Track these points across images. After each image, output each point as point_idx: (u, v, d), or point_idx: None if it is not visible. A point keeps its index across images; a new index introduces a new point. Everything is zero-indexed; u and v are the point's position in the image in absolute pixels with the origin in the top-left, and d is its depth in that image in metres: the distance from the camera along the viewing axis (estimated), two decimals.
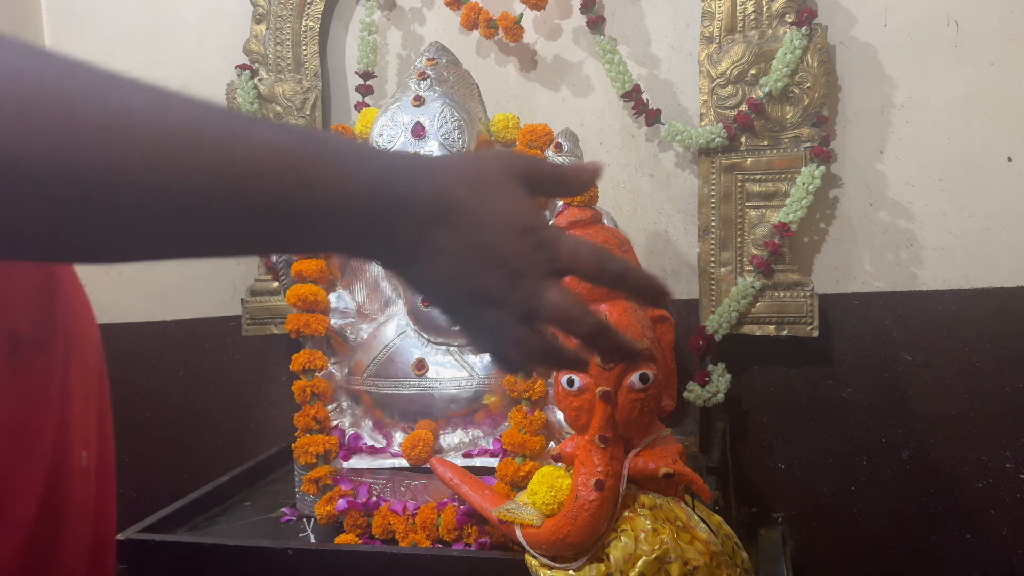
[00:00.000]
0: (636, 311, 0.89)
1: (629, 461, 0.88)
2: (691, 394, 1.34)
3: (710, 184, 1.36)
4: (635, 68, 1.43)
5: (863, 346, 1.37)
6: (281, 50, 1.55)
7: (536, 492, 0.90)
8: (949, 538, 1.35)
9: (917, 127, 1.32)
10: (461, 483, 1.03)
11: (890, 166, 1.34)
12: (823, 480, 1.40)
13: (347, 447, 1.19)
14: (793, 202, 1.29)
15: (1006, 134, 1.28)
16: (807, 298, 1.31)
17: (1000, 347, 1.31)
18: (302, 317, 1.19)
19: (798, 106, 1.30)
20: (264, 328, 1.57)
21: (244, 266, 1.63)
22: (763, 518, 1.42)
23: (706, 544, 0.86)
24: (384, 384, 1.18)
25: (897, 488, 1.37)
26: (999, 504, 1.32)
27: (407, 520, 1.11)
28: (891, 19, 1.32)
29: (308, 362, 1.18)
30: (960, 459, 1.34)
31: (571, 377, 0.88)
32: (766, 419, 1.42)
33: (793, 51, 1.27)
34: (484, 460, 1.13)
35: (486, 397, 1.16)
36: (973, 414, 1.32)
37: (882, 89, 1.33)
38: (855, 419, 1.38)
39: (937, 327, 1.33)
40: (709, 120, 1.34)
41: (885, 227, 1.35)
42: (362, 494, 1.15)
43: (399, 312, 1.21)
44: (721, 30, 1.33)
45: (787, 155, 1.31)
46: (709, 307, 1.36)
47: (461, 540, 1.07)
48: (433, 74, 1.19)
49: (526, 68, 1.51)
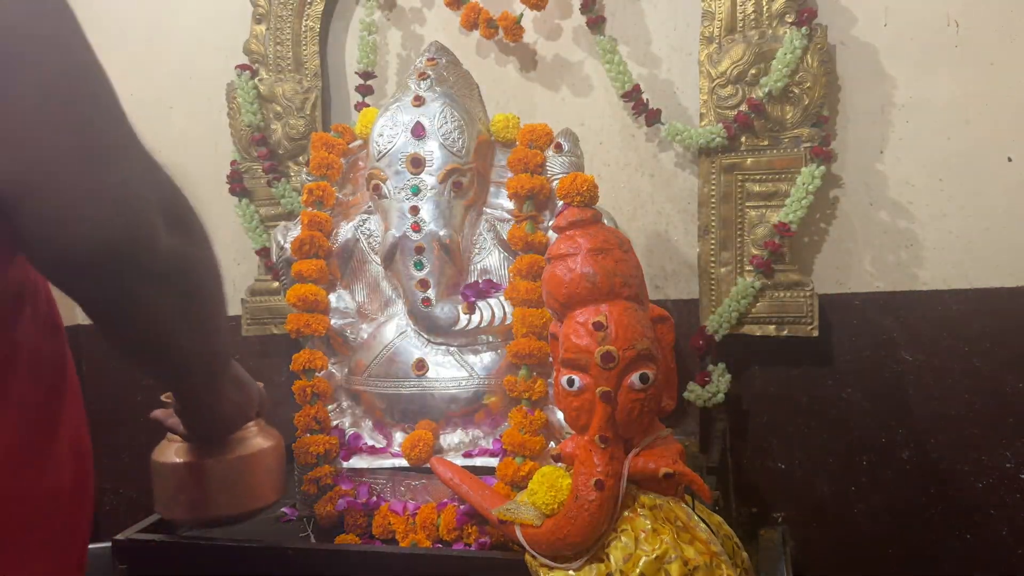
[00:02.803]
0: (636, 311, 0.89)
1: (629, 461, 0.88)
2: (691, 394, 1.34)
3: (710, 184, 1.36)
4: (635, 68, 1.43)
5: (863, 346, 1.37)
6: (281, 50, 1.55)
7: (536, 492, 0.90)
8: (949, 538, 1.35)
9: (917, 127, 1.32)
10: (461, 483, 1.03)
11: (890, 166, 1.34)
12: (823, 480, 1.40)
13: (347, 447, 1.19)
14: (793, 202, 1.29)
15: (1006, 134, 1.28)
16: (807, 298, 1.31)
17: (1000, 347, 1.31)
18: (302, 317, 1.19)
19: (798, 106, 1.30)
20: (264, 328, 1.57)
21: (244, 266, 1.63)
22: (763, 518, 1.42)
23: (706, 544, 0.86)
24: (384, 384, 1.18)
25: (897, 488, 1.37)
26: (999, 504, 1.32)
27: (407, 520, 1.11)
28: (891, 19, 1.32)
29: (308, 362, 1.18)
30: (960, 459, 1.34)
31: (571, 377, 0.88)
32: (766, 419, 1.42)
33: (793, 51, 1.27)
34: (484, 460, 1.13)
35: (486, 397, 1.16)
36: (973, 414, 1.33)
37: (882, 89, 1.33)
38: (855, 419, 1.38)
39: (937, 327, 1.33)
40: (709, 120, 1.34)
41: (885, 227, 1.35)
42: (362, 494, 1.15)
43: (399, 312, 1.21)
44: (721, 30, 1.33)
45: (787, 155, 1.31)
46: (709, 307, 1.36)
47: (461, 540, 1.07)
48: (433, 74, 1.19)
49: (526, 68, 1.51)
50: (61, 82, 0.57)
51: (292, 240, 1.21)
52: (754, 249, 1.33)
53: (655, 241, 1.46)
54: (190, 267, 0.66)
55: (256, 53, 1.56)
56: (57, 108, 0.57)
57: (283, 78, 1.55)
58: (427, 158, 1.13)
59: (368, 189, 1.19)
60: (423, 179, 1.13)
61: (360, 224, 1.23)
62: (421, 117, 1.14)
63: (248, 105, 1.52)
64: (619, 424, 0.87)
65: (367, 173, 1.18)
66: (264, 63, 1.55)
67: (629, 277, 0.90)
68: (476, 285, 1.17)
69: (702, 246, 1.37)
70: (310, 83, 1.54)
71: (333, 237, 1.23)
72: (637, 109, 1.40)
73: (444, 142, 1.14)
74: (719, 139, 1.32)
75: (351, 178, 1.28)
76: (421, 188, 1.13)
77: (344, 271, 1.25)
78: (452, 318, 1.15)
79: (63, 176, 0.56)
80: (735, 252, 1.35)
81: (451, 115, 1.15)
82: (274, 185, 1.53)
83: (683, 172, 1.44)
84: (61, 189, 0.56)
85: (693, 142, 1.35)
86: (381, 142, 1.16)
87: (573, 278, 0.89)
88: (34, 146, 0.56)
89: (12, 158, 0.55)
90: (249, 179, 1.57)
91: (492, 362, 1.17)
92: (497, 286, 1.18)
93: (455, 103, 1.16)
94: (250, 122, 1.53)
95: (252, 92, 1.53)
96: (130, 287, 0.61)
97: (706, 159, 1.36)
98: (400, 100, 1.18)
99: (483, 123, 1.21)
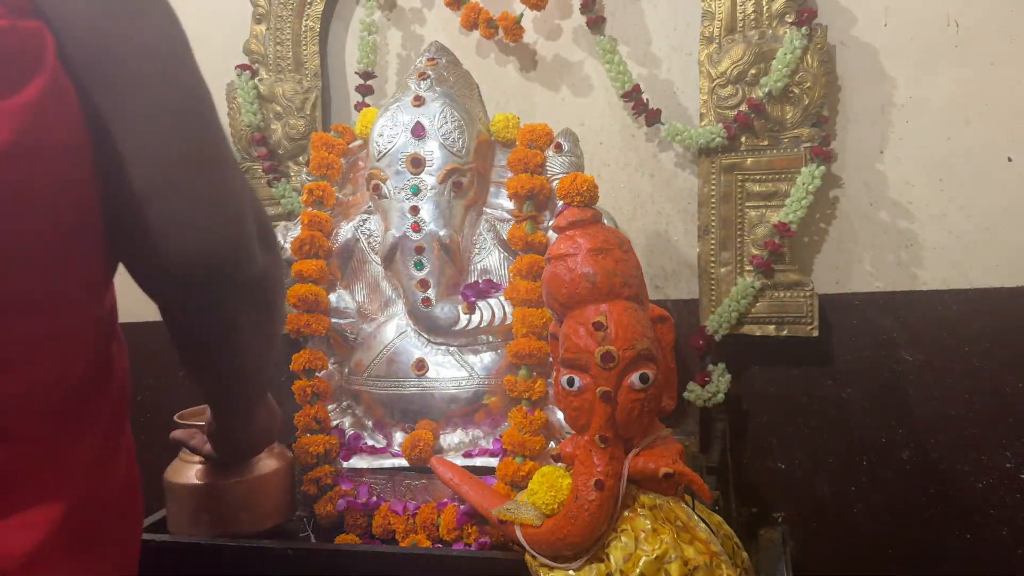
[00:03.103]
0: (636, 311, 0.89)
1: (629, 461, 0.88)
2: (691, 394, 1.34)
3: (710, 184, 1.36)
4: (635, 68, 1.43)
5: (863, 346, 1.37)
6: (281, 50, 1.55)
7: (536, 492, 0.90)
8: (949, 538, 1.35)
9: (917, 127, 1.32)
10: (461, 483, 1.03)
11: (890, 166, 1.34)
12: (823, 480, 1.40)
13: (347, 447, 1.19)
14: (793, 202, 1.29)
15: (1006, 134, 1.28)
16: (807, 298, 1.31)
17: (1000, 347, 1.31)
18: (302, 317, 1.19)
19: (798, 106, 1.30)
20: None
21: None
22: (763, 518, 1.42)
23: (706, 544, 0.86)
24: (384, 384, 1.18)
25: (897, 488, 1.37)
26: (999, 504, 1.32)
27: (407, 520, 1.11)
28: (891, 19, 1.32)
29: (308, 362, 1.18)
30: (960, 459, 1.34)
31: (571, 377, 0.88)
32: (766, 419, 1.42)
33: (793, 51, 1.27)
34: (484, 460, 1.13)
35: (486, 397, 1.16)
36: (973, 414, 1.32)
37: (882, 89, 1.33)
38: (855, 419, 1.38)
39: (937, 327, 1.33)
40: (709, 120, 1.34)
41: (885, 227, 1.35)
42: (362, 494, 1.15)
43: (399, 312, 1.21)
44: (721, 30, 1.33)
45: (787, 155, 1.31)
46: (709, 307, 1.36)
47: (461, 540, 1.07)
48: (433, 74, 1.19)
49: (526, 68, 1.51)
50: (179, 96, 0.61)
51: (292, 240, 1.21)
52: (754, 249, 1.33)
53: (655, 241, 1.46)
54: (272, 285, 0.69)
55: (256, 53, 1.56)
56: (175, 120, 0.59)
57: (283, 78, 1.55)
58: (427, 158, 1.13)
59: (368, 189, 1.19)
60: (423, 179, 1.13)
61: (360, 224, 1.23)
62: (421, 117, 1.15)
63: (248, 105, 1.52)
64: (619, 424, 0.87)
65: (367, 173, 1.18)
66: (264, 63, 1.55)
67: (629, 277, 0.90)
68: (476, 285, 1.17)
69: (702, 246, 1.37)
70: (310, 83, 1.54)
71: (333, 237, 1.23)
72: (637, 109, 1.40)
73: (444, 142, 1.14)
74: (719, 139, 1.32)
75: (351, 178, 1.28)
76: (421, 188, 1.13)
77: (344, 271, 1.25)
78: (452, 318, 1.15)
79: (180, 184, 0.59)
80: (735, 252, 1.35)
81: (451, 115, 1.15)
82: (274, 185, 1.53)
83: (683, 172, 1.44)
84: (178, 197, 0.59)
85: (693, 142, 1.35)
86: (381, 142, 1.16)
87: (573, 278, 0.89)
88: (155, 155, 0.59)
89: (137, 164, 0.58)
90: (249, 179, 1.57)
91: (492, 362, 1.17)
92: (497, 286, 1.18)
93: (455, 103, 1.16)
94: (250, 122, 1.53)
95: (252, 92, 1.53)
96: (221, 297, 0.64)
97: (706, 159, 1.36)
98: (400, 100, 1.18)
99: (483, 123, 1.21)
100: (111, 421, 0.68)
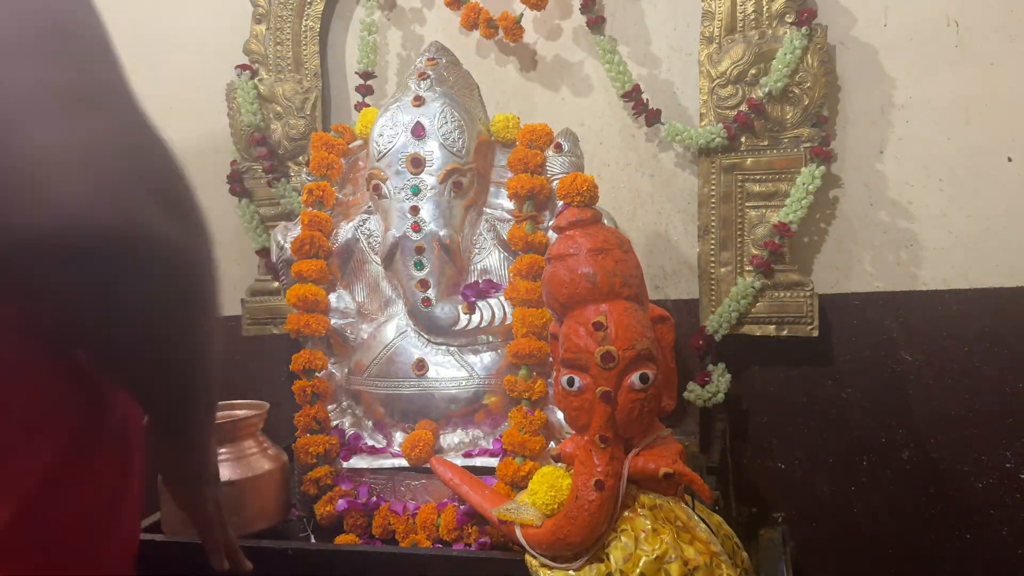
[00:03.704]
0: (636, 311, 0.89)
1: (629, 461, 0.88)
2: (691, 394, 1.34)
3: (710, 184, 1.36)
4: (635, 68, 1.43)
5: (863, 346, 1.37)
6: (281, 50, 1.55)
7: (536, 492, 0.90)
8: (949, 538, 1.35)
9: (917, 127, 1.32)
10: (461, 483, 1.03)
11: (890, 166, 1.34)
12: (823, 480, 1.40)
13: (347, 447, 1.19)
14: (793, 202, 1.29)
15: (1006, 134, 1.28)
16: (807, 298, 1.31)
17: (1000, 347, 1.31)
18: (302, 317, 1.19)
19: (798, 106, 1.30)
20: (264, 328, 1.57)
21: (244, 266, 1.63)
22: (763, 518, 1.42)
23: (706, 544, 0.86)
24: (384, 384, 1.18)
25: (897, 488, 1.37)
26: (999, 504, 1.32)
27: (407, 520, 1.11)
28: (891, 19, 1.32)
29: (308, 362, 1.18)
30: (960, 459, 1.34)
31: (571, 377, 0.88)
32: (766, 419, 1.42)
33: (793, 51, 1.27)
34: (484, 460, 1.13)
35: (486, 397, 1.16)
36: (973, 414, 1.32)
37: (882, 89, 1.33)
38: (855, 419, 1.38)
39: (937, 327, 1.33)
40: (709, 120, 1.34)
41: (885, 227, 1.35)
42: (362, 494, 1.15)
43: (399, 312, 1.21)
44: (721, 30, 1.33)
45: (787, 155, 1.31)
46: (709, 307, 1.36)
47: (461, 540, 1.07)
48: (433, 74, 1.19)
49: (526, 68, 1.51)
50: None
51: (292, 240, 1.21)
52: (754, 249, 1.33)
53: (655, 241, 1.46)
54: (183, 262, 0.53)
55: (256, 53, 1.56)
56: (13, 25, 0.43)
57: (283, 78, 1.55)
58: (427, 158, 1.13)
59: (368, 189, 1.19)
60: (423, 179, 1.13)
61: (360, 224, 1.23)
62: (421, 117, 1.15)
63: (248, 105, 1.52)
64: (619, 424, 0.87)
65: (367, 173, 1.18)
66: (264, 63, 1.55)
67: (629, 277, 0.90)
68: (476, 285, 1.17)
69: (702, 246, 1.37)
70: (310, 83, 1.54)
71: (333, 237, 1.23)
72: (637, 109, 1.40)
73: (444, 142, 1.14)
74: (719, 139, 1.32)
75: (351, 178, 1.28)
76: (421, 188, 1.13)
77: (344, 271, 1.25)
78: (452, 318, 1.15)
79: (11, 118, 0.43)
80: (735, 252, 1.35)
81: (451, 115, 1.15)
82: (274, 185, 1.53)
83: (683, 172, 1.44)
84: (9, 139, 0.42)
85: (693, 142, 1.35)
86: (381, 142, 1.16)
87: (573, 278, 0.89)
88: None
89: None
90: (249, 179, 1.57)
91: (492, 362, 1.17)
92: (497, 286, 1.18)
93: (455, 103, 1.16)
94: (250, 122, 1.53)
95: (252, 92, 1.53)
96: (108, 281, 0.49)
97: (706, 159, 1.36)
98: (400, 100, 1.18)
99: (483, 123, 1.21)
100: (77, 437, 0.60)
